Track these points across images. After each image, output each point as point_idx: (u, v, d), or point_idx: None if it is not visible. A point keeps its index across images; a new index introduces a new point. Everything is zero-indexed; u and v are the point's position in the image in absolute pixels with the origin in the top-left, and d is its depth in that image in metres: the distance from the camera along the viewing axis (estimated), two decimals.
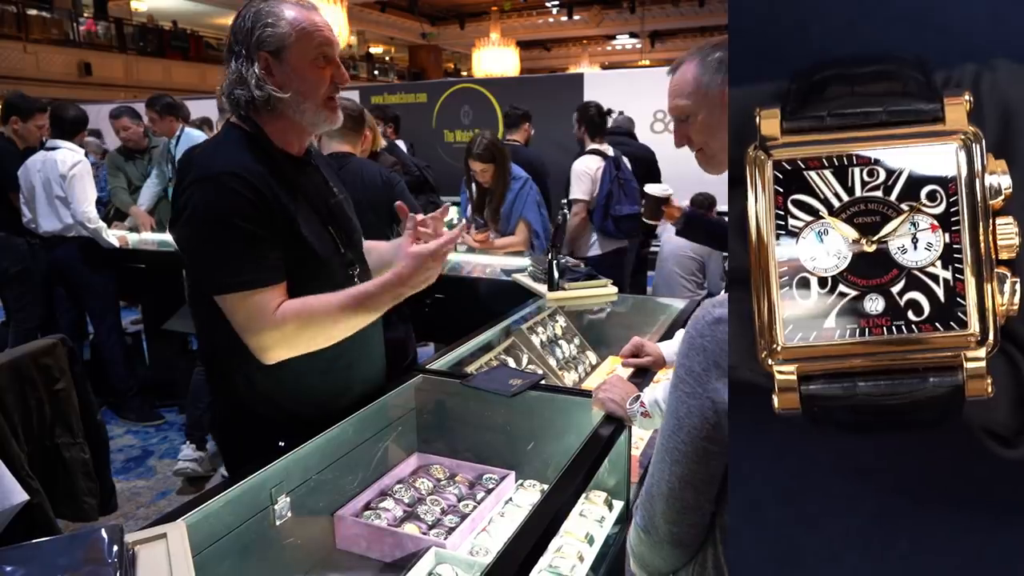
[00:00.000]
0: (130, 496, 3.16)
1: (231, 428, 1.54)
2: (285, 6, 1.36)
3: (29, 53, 13.38)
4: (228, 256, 1.30)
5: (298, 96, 1.36)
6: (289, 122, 1.40)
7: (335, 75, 1.39)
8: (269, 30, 1.33)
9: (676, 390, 0.83)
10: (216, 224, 1.30)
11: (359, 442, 1.54)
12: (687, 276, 4.47)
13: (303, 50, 1.35)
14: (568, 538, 1.48)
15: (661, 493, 0.87)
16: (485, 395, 1.64)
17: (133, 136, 4.70)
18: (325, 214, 1.47)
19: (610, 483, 1.66)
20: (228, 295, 1.30)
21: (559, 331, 2.36)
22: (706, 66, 1.30)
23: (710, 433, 0.80)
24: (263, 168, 1.35)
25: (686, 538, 0.88)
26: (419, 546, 1.36)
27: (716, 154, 1.35)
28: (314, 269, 1.40)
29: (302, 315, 1.31)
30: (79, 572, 0.82)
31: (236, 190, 1.29)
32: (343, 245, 1.48)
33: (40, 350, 2.10)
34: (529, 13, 20.07)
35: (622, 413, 1.44)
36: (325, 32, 1.38)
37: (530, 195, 3.52)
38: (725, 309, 0.78)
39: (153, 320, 4.14)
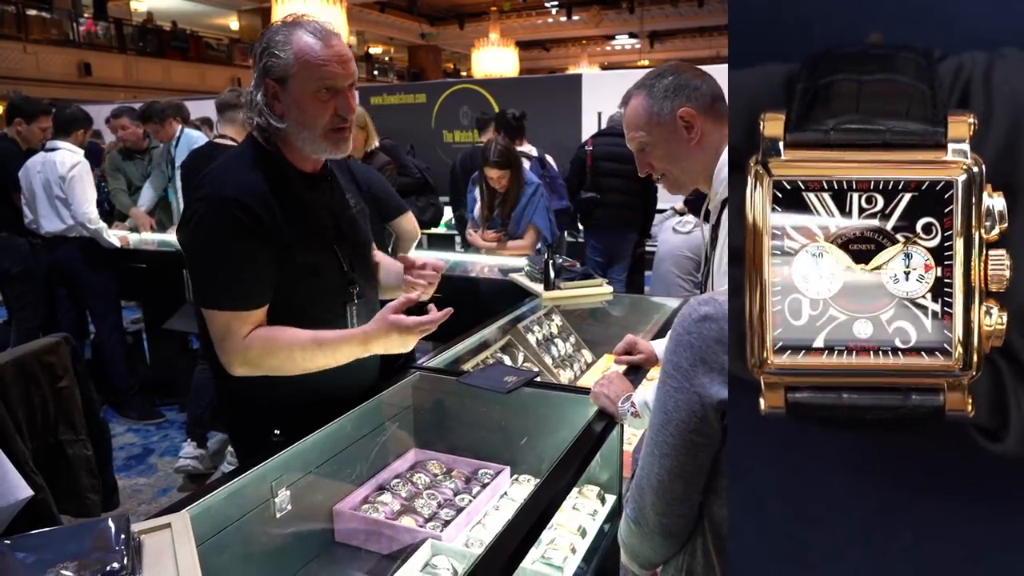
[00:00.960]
0: (131, 493, 3.19)
1: (234, 415, 1.60)
2: (301, 32, 1.37)
3: (29, 53, 13.41)
4: (217, 275, 1.38)
5: (297, 126, 1.40)
6: (296, 148, 1.45)
7: (339, 107, 1.40)
8: (275, 59, 1.36)
9: (664, 385, 0.87)
10: (213, 243, 1.37)
11: (357, 438, 1.57)
12: (683, 276, 4.50)
13: (305, 81, 1.36)
14: (561, 531, 1.52)
15: (651, 485, 0.90)
16: (481, 392, 1.68)
17: (132, 136, 4.71)
18: (334, 232, 1.52)
19: (603, 478, 1.70)
20: (208, 309, 1.39)
21: (555, 330, 2.40)
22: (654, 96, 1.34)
23: (697, 426, 0.83)
24: (272, 190, 1.40)
25: (675, 528, 0.92)
26: (416, 539, 1.39)
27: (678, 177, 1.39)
28: (311, 288, 1.47)
29: (267, 345, 1.39)
30: (88, 558, 0.86)
31: (238, 217, 1.35)
32: (348, 264, 1.53)
33: (44, 348, 2.14)
34: (528, 13, 20.10)
35: (613, 410, 1.47)
36: (331, 66, 1.37)
37: (541, 201, 3.60)
38: (711, 307, 0.82)
39: (154, 319, 4.17)
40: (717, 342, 0.80)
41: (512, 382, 1.67)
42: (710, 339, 0.81)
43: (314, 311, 1.46)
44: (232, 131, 3.09)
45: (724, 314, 0.80)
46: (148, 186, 4.71)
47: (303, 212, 1.45)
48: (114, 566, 0.85)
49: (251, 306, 1.39)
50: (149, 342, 4.40)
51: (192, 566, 0.92)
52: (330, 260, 1.49)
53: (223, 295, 1.38)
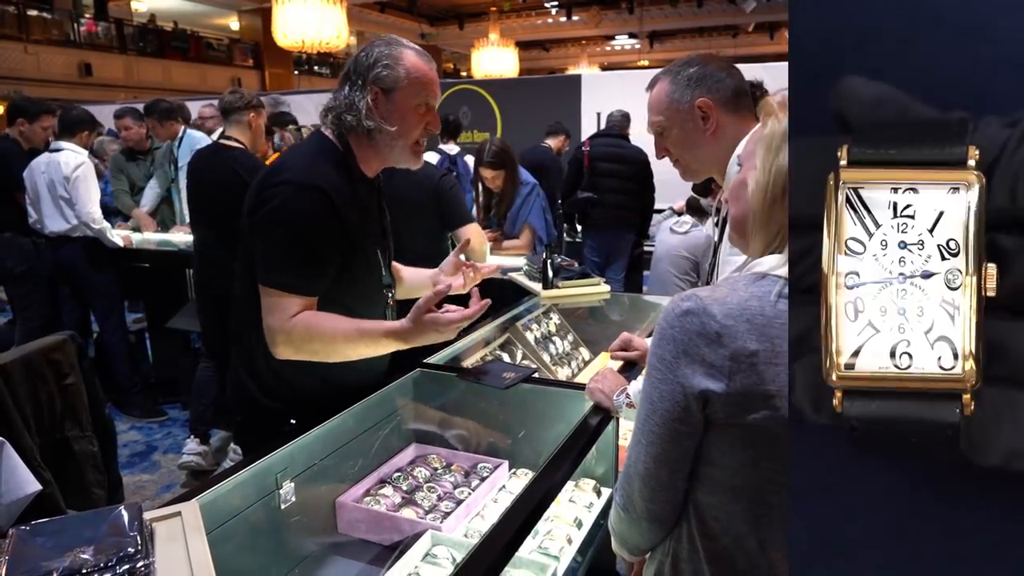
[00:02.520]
0: (135, 490, 3.23)
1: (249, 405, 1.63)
2: (408, 52, 1.51)
3: (30, 54, 13.43)
4: (285, 258, 1.45)
5: (394, 134, 1.51)
6: (378, 152, 1.55)
7: (430, 123, 1.55)
8: (388, 71, 1.49)
9: (649, 377, 0.91)
10: (291, 227, 1.44)
11: (360, 432, 1.61)
12: (681, 275, 4.54)
13: (411, 94, 1.50)
14: (558, 522, 1.56)
15: (638, 473, 0.95)
16: (480, 388, 1.72)
17: (135, 137, 4.74)
18: (380, 236, 1.64)
19: (599, 471, 1.74)
20: (267, 288, 1.46)
21: (553, 328, 2.44)
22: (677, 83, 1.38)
23: (680, 415, 0.88)
24: (347, 187, 1.49)
25: (662, 514, 0.96)
26: (416, 530, 1.43)
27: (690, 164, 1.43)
28: (359, 287, 1.57)
29: (310, 329, 1.45)
30: (103, 543, 0.90)
31: (320, 204, 1.44)
32: (385, 267, 1.65)
33: (50, 346, 2.18)
34: (528, 14, 20.11)
35: (608, 404, 1.51)
36: (433, 86, 1.54)
37: (537, 201, 3.63)
38: (692, 302, 0.86)
39: (156, 319, 4.21)
40: (698, 335, 0.84)
41: (510, 378, 1.71)
42: (692, 332, 0.85)
43: (357, 310, 1.53)
44: (238, 132, 3.13)
45: (704, 309, 0.85)
46: (151, 186, 4.74)
47: (365, 212, 1.56)
48: (129, 550, 0.89)
49: (310, 291, 1.47)
50: (151, 341, 4.44)
51: (203, 552, 0.96)
52: (375, 262, 1.61)
53: (293, 277, 1.45)
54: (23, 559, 0.87)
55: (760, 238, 0.87)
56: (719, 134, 1.37)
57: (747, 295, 0.84)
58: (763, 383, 0.82)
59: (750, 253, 0.90)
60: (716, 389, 0.84)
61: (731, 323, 0.83)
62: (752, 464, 0.87)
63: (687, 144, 1.40)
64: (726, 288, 0.86)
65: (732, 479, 0.89)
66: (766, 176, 0.84)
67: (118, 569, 0.87)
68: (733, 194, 0.94)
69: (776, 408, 0.82)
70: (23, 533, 0.92)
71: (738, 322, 0.83)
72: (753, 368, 0.82)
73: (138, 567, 0.88)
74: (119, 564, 0.87)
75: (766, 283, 0.84)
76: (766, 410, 0.83)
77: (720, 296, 0.85)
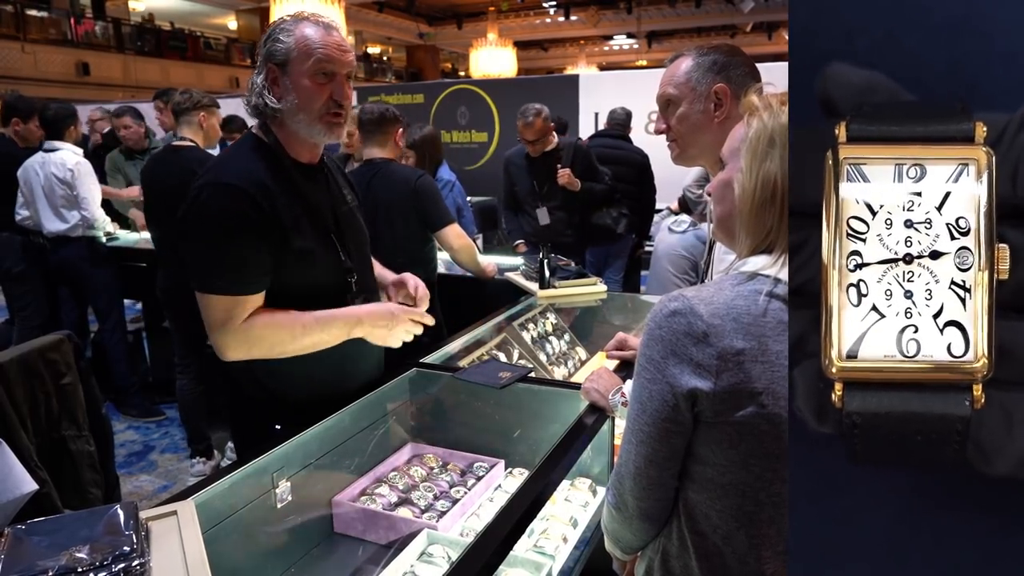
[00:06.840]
0: (132, 489, 3.23)
1: (238, 409, 1.64)
2: (304, 24, 1.46)
3: (27, 53, 13.42)
4: (216, 259, 1.42)
5: (294, 108, 1.46)
6: (293, 132, 1.50)
7: (334, 92, 1.47)
8: (278, 44, 1.44)
9: (639, 377, 0.92)
10: (214, 228, 1.41)
11: (356, 431, 1.62)
12: (679, 275, 4.54)
13: (303, 65, 1.44)
14: (554, 521, 1.56)
15: (629, 472, 0.95)
16: (476, 387, 1.72)
17: (134, 136, 4.73)
18: (331, 222, 1.57)
19: (594, 470, 1.74)
20: (206, 294, 1.43)
21: (549, 328, 2.44)
22: (699, 64, 1.39)
23: (670, 414, 0.88)
24: (270, 179, 1.45)
25: (653, 512, 0.97)
26: (412, 529, 1.44)
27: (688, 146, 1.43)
28: (310, 276, 1.52)
29: (268, 326, 1.44)
30: (100, 542, 0.90)
31: (238, 201, 1.40)
32: (345, 252, 1.58)
33: (47, 346, 2.18)
34: (526, 13, 20.12)
35: (604, 404, 1.52)
36: (328, 50, 1.45)
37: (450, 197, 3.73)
38: (679, 303, 0.87)
39: (154, 319, 4.21)
40: (686, 335, 0.85)
41: (506, 378, 1.71)
42: (679, 332, 0.86)
43: (316, 301, 1.50)
44: (190, 132, 3.14)
45: (691, 308, 0.85)
46: None
47: (300, 200, 1.50)
48: (125, 549, 0.89)
49: (249, 291, 1.43)
50: (149, 341, 4.44)
51: (198, 551, 0.96)
52: (329, 249, 1.55)
53: (222, 280, 1.42)
54: (19, 558, 0.87)
55: (747, 238, 0.87)
56: (726, 125, 1.37)
57: (733, 294, 0.85)
58: (750, 381, 0.83)
59: (736, 253, 0.91)
60: (704, 388, 0.84)
61: (718, 322, 0.84)
62: (741, 461, 0.88)
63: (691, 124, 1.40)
64: (713, 288, 0.87)
65: (721, 476, 0.90)
66: (753, 181, 0.84)
67: (114, 568, 0.87)
68: (718, 194, 0.94)
69: (763, 406, 0.83)
70: (19, 532, 0.92)
71: (725, 321, 0.84)
72: (740, 366, 0.83)
73: (134, 566, 0.88)
74: (115, 563, 0.88)
75: (754, 283, 0.85)
76: (753, 407, 0.83)
77: (707, 296, 0.86)
